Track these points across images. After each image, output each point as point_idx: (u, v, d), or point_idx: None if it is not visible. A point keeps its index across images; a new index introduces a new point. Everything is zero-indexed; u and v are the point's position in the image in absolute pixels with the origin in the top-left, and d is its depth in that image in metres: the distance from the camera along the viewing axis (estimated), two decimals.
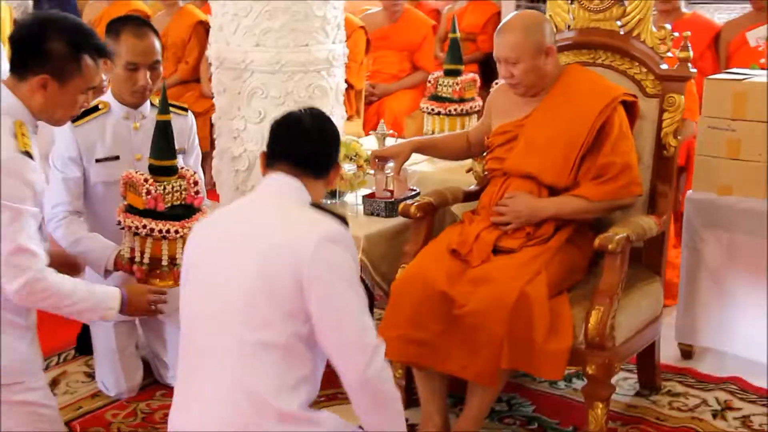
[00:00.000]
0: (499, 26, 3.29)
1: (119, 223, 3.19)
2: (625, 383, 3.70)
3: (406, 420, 2.48)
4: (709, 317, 3.82)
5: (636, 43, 3.47)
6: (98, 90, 3.37)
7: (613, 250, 3.02)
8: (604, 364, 3.00)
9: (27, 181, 2.54)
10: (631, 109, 3.30)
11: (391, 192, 3.65)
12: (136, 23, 3.53)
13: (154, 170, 3.22)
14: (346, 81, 6.10)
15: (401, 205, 3.42)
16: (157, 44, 3.53)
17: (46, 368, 3.80)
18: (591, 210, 3.21)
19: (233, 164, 4.61)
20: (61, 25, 2.71)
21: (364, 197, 3.69)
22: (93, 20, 7.02)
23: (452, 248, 3.19)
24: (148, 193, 3.13)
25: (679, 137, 3.43)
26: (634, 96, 3.30)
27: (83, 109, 2.89)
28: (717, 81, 3.81)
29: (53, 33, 2.66)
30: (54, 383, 3.70)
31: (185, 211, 3.24)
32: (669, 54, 3.43)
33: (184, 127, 3.74)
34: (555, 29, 3.59)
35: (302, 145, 2.42)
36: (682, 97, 3.39)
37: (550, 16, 3.62)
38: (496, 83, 3.89)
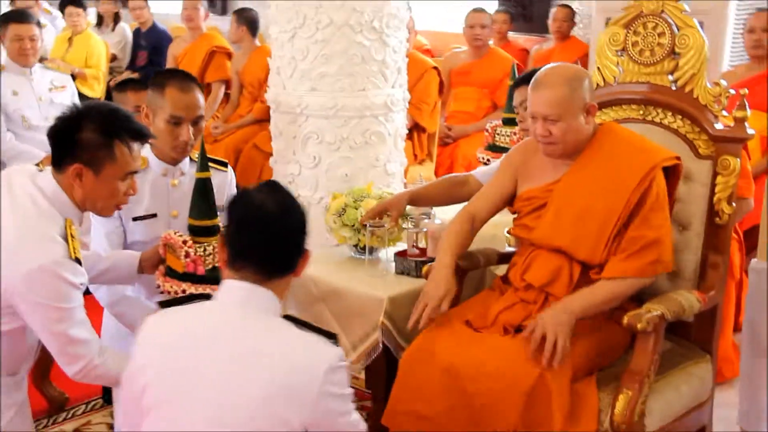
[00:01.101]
0: (535, 78, 2.98)
1: (158, 286, 3.07)
2: None
3: None
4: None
5: (688, 100, 3.16)
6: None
7: (642, 329, 2.73)
8: None
9: (74, 285, 2.54)
10: (673, 170, 2.99)
11: (423, 250, 3.42)
12: (182, 77, 3.40)
13: (194, 231, 3.03)
14: (418, 124, 5.99)
15: (424, 268, 3.20)
16: (201, 99, 3.39)
17: (71, 416, 3.75)
18: (620, 293, 2.86)
19: None
20: (95, 112, 2.65)
21: (396, 255, 3.48)
22: (177, 56, 7.06)
23: (466, 320, 2.95)
24: (187, 255, 2.96)
25: (733, 204, 3.10)
26: (677, 158, 2.98)
27: (130, 195, 2.78)
28: None
29: (86, 122, 2.60)
30: None
31: None
32: (724, 113, 3.11)
33: (224, 182, 3.55)
34: (603, 82, 3.33)
35: (270, 246, 2.18)
36: (738, 159, 3.07)
37: (598, 68, 3.35)
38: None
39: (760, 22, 5.21)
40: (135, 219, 3.35)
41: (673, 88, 3.19)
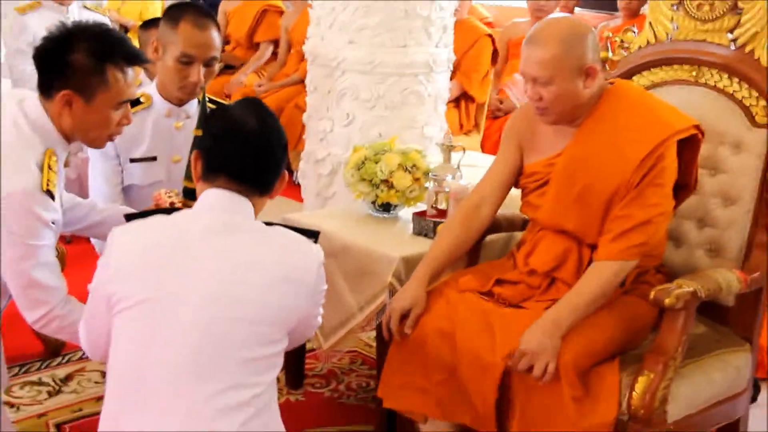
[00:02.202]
0: (528, 34, 2.62)
1: None
2: None
3: None
4: None
5: (748, 61, 2.82)
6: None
7: (670, 305, 2.43)
8: None
9: (43, 220, 2.31)
10: (691, 141, 2.63)
11: (443, 211, 3.14)
12: (198, 12, 3.11)
13: (187, 193, 2.73)
14: (466, 92, 5.69)
15: (438, 227, 2.92)
16: (218, 39, 3.12)
17: (66, 361, 3.57)
18: (608, 285, 2.52)
19: (317, 168, 4.24)
20: (86, 34, 2.38)
21: (414, 215, 3.21)
22: (228, 12, 6.87)
23: (461, 289, 2.69)
24: None
25: None
26: (697, 127, 2.62)
27: (124, 125, 2.51)
28: None
29: (76, 44, 2.34)
30: (67, 379, 3.47)
31: None
32: None
33: None
34: (654, 39, 3.00)
35: (247, 159, 2.09)
36: None
37: (650, 23, 3.03)
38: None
39: None
40: (133, 160, 3.13)
41: (732, 47, 2.86)
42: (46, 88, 2.38)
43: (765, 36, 2.80)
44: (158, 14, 7.47)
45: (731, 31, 2.85)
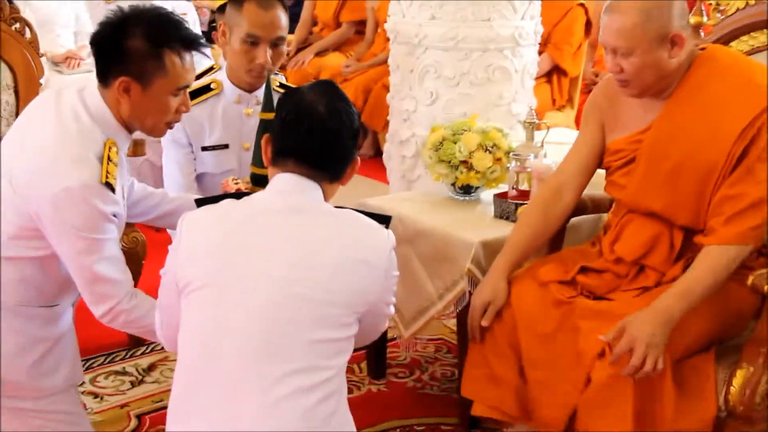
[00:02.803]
0: (608, 1, 2.44)
1: None
2: None
3: None
4: None
5: None
6: None
7: None
8: None
9: (103, 213, 2.21)
10: None
11: (525, 192, 2.97)
12: None
13: (255, 180, 2.59)
14: (558, 66, 5.47)
15: (519, 209, 2.76)
16: (284, 19, 2.99)
17: (150, 351, 3.57)
18: (722, 269, 2.31)
19: (401, 149, 4.12)
20: (142, 18, 2.28)
21: (495, 196, 3.05)
22: None
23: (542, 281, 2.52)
24: None
25: None
26: None
27: (183, 113, 2.40)
28: None
29: (133, 29, 2.25)
30: (149, 368, 3.46)
31: None
32: None
33: None
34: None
35: (316, 145, 2.03)
36: None
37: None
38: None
39: None
40: (204, 148, 3.05)
41: None
42: (103, 76, 2.29)
43: None
44: None
45: None
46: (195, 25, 5.08)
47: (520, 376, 2.44)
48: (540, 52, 5.39)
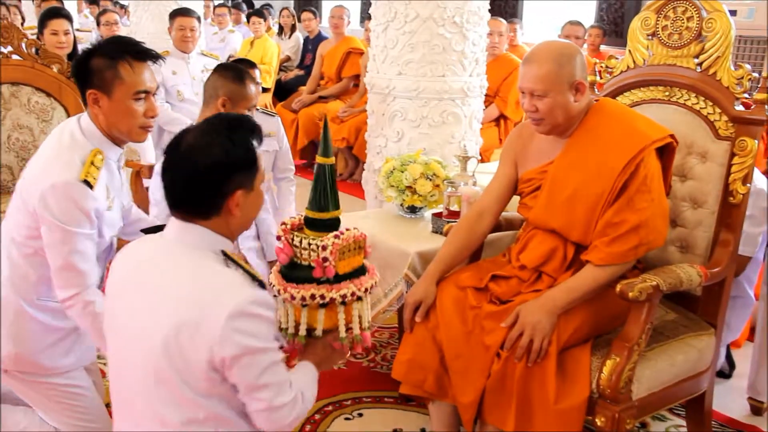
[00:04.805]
0: (526, 55, 2.35)
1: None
2: None
3: None
4: None
5: (712, 82, 2.50)
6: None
7: (633, 298, 2.13)
8: (613, 418, 2.12)
9: (81, 208, 2.08)
10: (668, 147, 2.32)
11: (455, 213, 2.90)
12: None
13: (307, 222, 1.92)
14: (503, 113, 5.40)
15: (445, 227, 2.69)
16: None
17: None
18: (604, 280, 2.25)
19: (374, 176, 4.06)
20: (104, 43, 2.19)
21: (433, 215, 2.98)
22: (323, 55, 6.77)
23: (462, 285, 2.42)
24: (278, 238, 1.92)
25: (748, 184, 2.43)
26: (672, 136, 2.31)
27: (151, 117, 2.21)
28: None
29: (95, 52, 2.16)
30: None
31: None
32: (746, 95, 2.45)
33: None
34: (633, 64, 2.71)
35: (177, 188, 1.65)
36: (756, 141, 2.39)
37: (629, 51, 2.72)
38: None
39: None
40: None
41: (698, 70, 2.54)
42: (83, 96, 2.19)
43: (725, 60, 2.47)
44: (275, 58, 7.47)
45: (697, 56, 2.53)
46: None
47: (440, 364, 2.34)
48: (489, 103, 5.35)
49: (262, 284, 1.59)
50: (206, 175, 1.60)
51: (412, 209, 3.09)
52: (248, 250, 3.25)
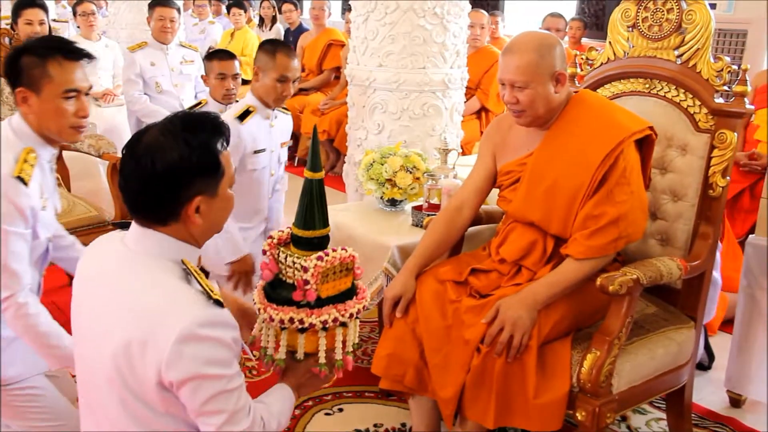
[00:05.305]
0: (506, 45, 2.32)
1: None
2: (656, 425, 2.74)
3: None
4: (761, 369, 2.76)
5: (691, 74, 2.49)
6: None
7: (614, 292, 2.12)
8: (593, 412, 2.11)
9: (15, 204, 1.99)
10: (647, 139, 2.31)
11: (435, 206, 2.88)
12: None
13: (294, 240, 1.78)
14: (484, 106, 5.38)
15: (425, 220, 2.66)
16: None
17: None
18: (585, 273, 2.23)
19: (355, 169, 4.02)
20: (34, 42, 2.11)
21: (413, 208, 2.95)
22: (304, 47, 6.70)
23: (441, 279, 2.39)
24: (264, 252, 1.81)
25: (728, 177, 2.42)
26: (651, 128, 2.29)
27: (82, 117, 2.11)
28: None
29: (26, 50, 2.08)
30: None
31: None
32: (726, 87, 2.44)
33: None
34: (613, 56, 2.69)
35: (131, 196, 1.52)
36: (735, 134, 2.39)
37: (609, 43, 2.70)
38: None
39: None
40: (256, 152, 3.19)
41: (678, 62, 2.53)
42: (14, 95, 2.11)
43: (705, 52, 2.46)
44: (255, 49, 7.40)
45: (677, 48, 2.51)
46: (200, 69, 4.93)
47: (420, 358, 2.31)
48: (471, 96, 5.32)
49: (218, 302, 1.46)
50: (161, 180, 1.47)
51: (393, 202, 3.06)
52: (255, 240, 3.26)
